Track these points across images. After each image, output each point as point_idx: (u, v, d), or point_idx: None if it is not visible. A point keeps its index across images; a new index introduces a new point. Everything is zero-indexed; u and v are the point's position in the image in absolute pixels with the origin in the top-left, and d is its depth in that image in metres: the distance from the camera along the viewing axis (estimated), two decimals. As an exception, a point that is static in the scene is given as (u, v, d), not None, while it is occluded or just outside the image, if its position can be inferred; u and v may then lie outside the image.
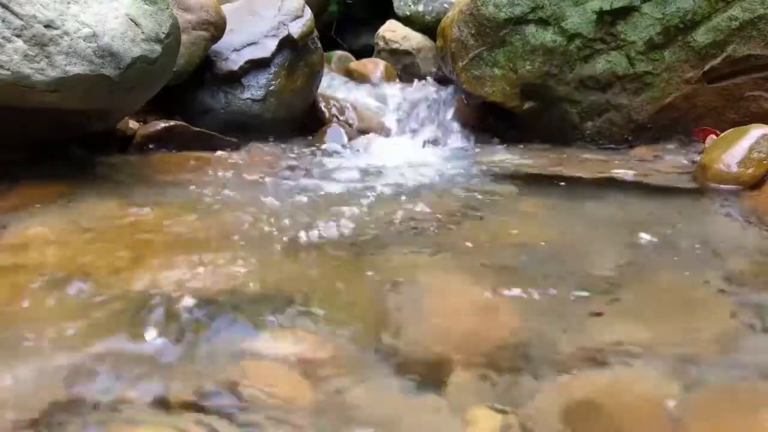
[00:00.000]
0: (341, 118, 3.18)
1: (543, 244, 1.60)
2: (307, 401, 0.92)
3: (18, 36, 1.73)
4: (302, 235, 1.61)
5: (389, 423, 0.89)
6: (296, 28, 3.01)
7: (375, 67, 3.88)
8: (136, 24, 1.94)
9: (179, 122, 2.58)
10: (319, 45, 3.24)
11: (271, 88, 2.92)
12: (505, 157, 2.75)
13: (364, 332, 1.13)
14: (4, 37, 1.71)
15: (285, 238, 1.57)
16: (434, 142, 3.11)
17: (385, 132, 3.18)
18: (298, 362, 1.01)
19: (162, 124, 2.52)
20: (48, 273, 1.29)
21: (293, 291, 1.26)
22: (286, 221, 1.72)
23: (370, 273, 1.39)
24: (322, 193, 2.05)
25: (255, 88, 2.90)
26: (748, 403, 0.97)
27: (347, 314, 1.19)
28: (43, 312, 1.15)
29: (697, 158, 2.49)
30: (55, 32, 1.78)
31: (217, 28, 2.84)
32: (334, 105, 3.25)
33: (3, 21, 1.71)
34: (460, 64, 3.07)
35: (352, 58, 4.24)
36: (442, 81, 3.54)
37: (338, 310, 1.21)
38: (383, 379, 1.00)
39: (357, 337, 1.11)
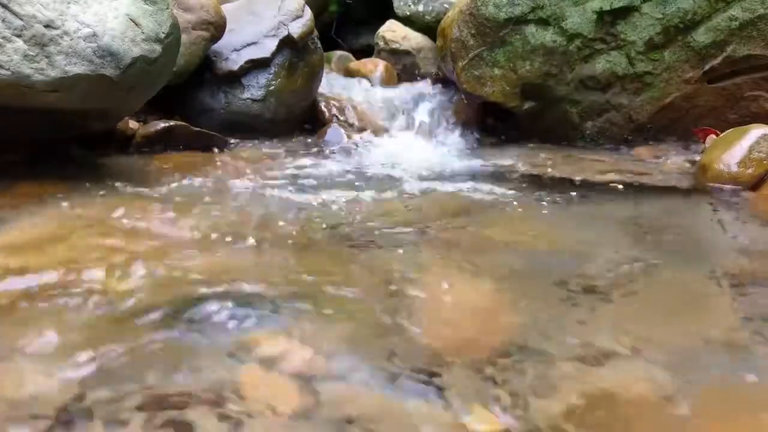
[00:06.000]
0: (341, 118, 3.18)
1: (543, 243, 1.60)
2: (306, 399, 0.92)
3: (18, 36, 1.73)
4: (301, 234, 1.61)
5: (390, 421, 0.89)
6: (296, 28, 3.01)
7: (375, 67, 3.87)
8: (136, 24, 1.94)
9: (179, 122, 2.59)
10: (319, 45, 3.24)
11: (271, 88, 2.92)
12: (504, 157, 2.75)
13: (364, 331, 1.13)
14: (4, 37, 1.71)
15: (284, 237, 1.57)
16: (434, 142, 3.11)
17: (384, 132, 3.17)
18: (297, 360, 1.01)
19: (162, 124, 2.52)
20: (47, 271, 1.29)
21: (292, 289, 1.26)
22: (285, 221, 1.72)
23: (369, 272, 1.39)
24: (321, 192, 2.05)
25: (255, 88, 2.90)
26: (749, 403, 0.97)
27: (347, 313, 1.19)
28: (42, 311, 1.15)
29: (698, 158, 2.50)
30: (55, 32, 1.78)
31: (217, 28, 2.84)
32: (334, 105, 3.25)
33: (3, 21, 1.71)
34: (460, 64, 3.07)
35: (352, 58, 4.23)
36: (442, 81, 3.53)
37: (338, 308, 1.21)
38: (383, 378, 1.00)
39: (356, 335, 1.11)
